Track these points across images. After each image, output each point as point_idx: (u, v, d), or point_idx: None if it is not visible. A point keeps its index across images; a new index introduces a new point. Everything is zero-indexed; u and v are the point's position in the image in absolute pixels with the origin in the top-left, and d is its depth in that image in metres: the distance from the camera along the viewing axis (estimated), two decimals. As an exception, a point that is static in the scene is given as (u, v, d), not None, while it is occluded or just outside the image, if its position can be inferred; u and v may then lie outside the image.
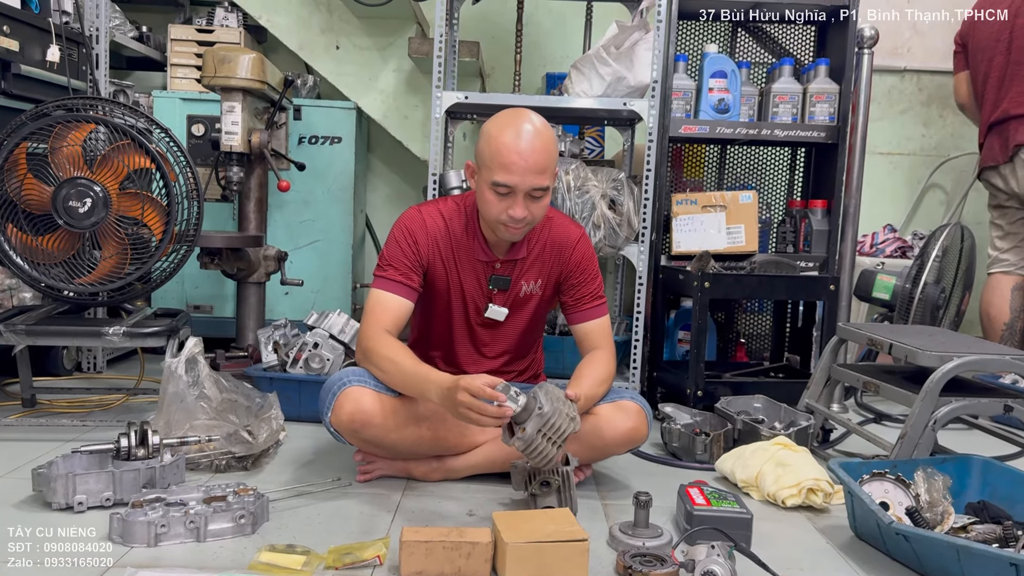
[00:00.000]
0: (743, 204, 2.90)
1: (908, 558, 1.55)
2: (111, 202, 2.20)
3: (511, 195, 1.80)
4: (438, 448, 1.92)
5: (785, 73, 2.92)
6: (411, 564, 1.42)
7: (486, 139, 1.83)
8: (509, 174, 1.77)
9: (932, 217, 3.93)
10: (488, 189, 1.82)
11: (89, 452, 1.76)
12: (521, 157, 1.77)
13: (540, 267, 2.01)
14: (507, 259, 1.99)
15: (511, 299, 2.02)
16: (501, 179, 1.78)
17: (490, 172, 1.80)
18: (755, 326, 3.45)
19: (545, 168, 1.80)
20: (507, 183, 1.78)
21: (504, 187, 1.79)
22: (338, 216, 3.50)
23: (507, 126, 1.81)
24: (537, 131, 1.80)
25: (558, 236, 2.02)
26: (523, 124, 1.80)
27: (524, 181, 1.78)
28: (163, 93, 3.39)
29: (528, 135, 1.78)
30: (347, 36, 3.56)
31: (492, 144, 1.80)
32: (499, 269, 1.99)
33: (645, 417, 1.92)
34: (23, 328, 2.17)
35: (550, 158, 1.81)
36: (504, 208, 1.81)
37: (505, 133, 1.79)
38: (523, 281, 2.01)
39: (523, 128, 1.79)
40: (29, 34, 2.56)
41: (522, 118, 1.82)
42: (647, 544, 1.56)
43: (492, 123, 1.85)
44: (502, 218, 1.83)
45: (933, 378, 1.92)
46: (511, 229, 1.85)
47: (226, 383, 2.13)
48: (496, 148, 1.79)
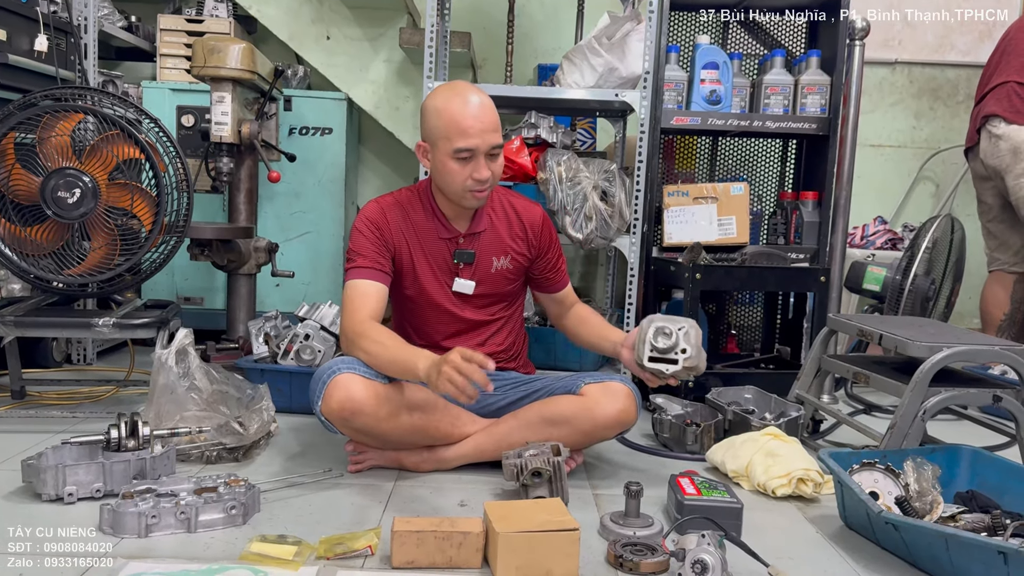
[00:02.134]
0: (734, 196, 2.91)
1: (897, 547, 1.56)
2: (100, 193, 2.19)
3: (473, 158, 1.88)
4: (429, 438, 1.92)
5: (777, 65, 2.92)
6: (402, 554, 1.42)
7: (436, 113, 1.90)
8: (469, 138, 1.85)
9: (922, 209, 3.94)
10: (450, 159, 1.88)
11: (79, 443, 1.75)
12: (476, 120, 1.86)
13: (508, 242, 2.07)
14: (469, 232, 2.03)
15: (479, 274, 2.05)
16: (463, 144, 1.85)
17: (449, 142, 1.87)
18: (746, 317, 3.46)
19: (498, 126, 1.91)
20: (469, 146, 1.86)
21: (467, 151, 1.86)
22: (329, 208, 3.49)
23: (452, 96, 1.90)
24: (480, 95, 1.90)
25: (525, 215, 2.09)
26: (466, 92, 1.90)
27: (484, 141, 1.86)
28: (152, 83, 3.37)
29: (475, 99, 1.88)
30: (338, 26, 3.55)
31: (444, 115, 1.88)
32: (463, 244, 2.03)
33: (634, 399, 1.92)
34: (12, 319, 2.16)
35: (497, 117, 1.92)
36: (468, 173, 1.88)
37: (453, 103, 1.88)
38: (492, 256, 2.05)
39: (468, 95, 1.89)
40: (16, 23, 2.54)
41: (462, 86, 1.94)
42: (638, 534, 1.57)
43: (435, 98, 1.93)
44: (468, 184, 1.89)
45: (923, 369, 1.93)
46: (476, 194, 1.92)
47: (217, 374, 2.12)
48: (451, 117, 1.87)
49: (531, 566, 1.41)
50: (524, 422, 1.91)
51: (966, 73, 3.93)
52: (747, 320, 3.46)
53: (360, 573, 1.41)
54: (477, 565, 1.44)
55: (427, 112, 1.93)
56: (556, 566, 1.42)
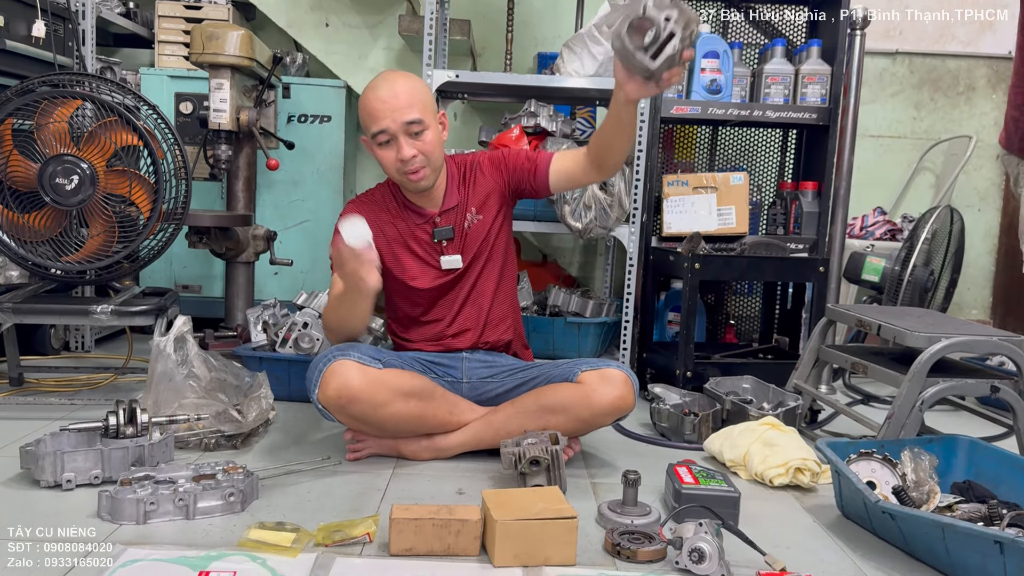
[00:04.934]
0: (734, 186, 2.90)
1: (894, 536, 1.57)
2: (98, 179, 2.18)
3: (393, 141, 1.89)
4: (426, 426, 1.92)
5: (777, 54, 2.91)
6: (401, 541, 1.43)
7: (359, 107, 1.94)
8: (379, 120, 1.88)
9: (922, 200, 3.93)
10: (377, 149, 1.93)
11: (77, 430, 1.75)
12: (383, 102, 1.87)
13: (472, 199, 2.06)
14: (444, 210, 2.04)
15: (462, 245, 2.05)
16: (375, 127, 1.89)
17: (367, 130, 1.91)
18: (745, 308, 3.46)
19: (410, 103, 1.88)
20: (380, 128, 1.88)
21: (383, 134, 1.89)
22: (327, 196, 3.48)
23: (369, 87, 1.93)
24: (394, 77, 1.92)
25: (471, 167, 2.09)
26: (382, 77, 1.94)
27: (393, 120, 1.87)
28: (150, 70, 3.36)
29: (385, 82, 1.91)
30: (336, 14, 3.53)
31: (361, 107, 1.92)
32: (440, 222, 2.04)
33: (631, 386, 1.93)
34: (10, 306, 2.16)
35: (413, 95, 1.90)
36: (395, 157, 1.90)
37: (366, 91, 1.92)
38: (468, 213, 2.05)
39: (381, 80, 1.92)
40: (14, 9, 2.53)
41: (383, 74, 1.97)
42: (635, 522, 1.57)
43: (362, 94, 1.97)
44: (399, 167, 1.91)
45: (921, 359, 1.93)
46: (412, 176, 1.93)
47: (215, 362, 2.12)
48: (363, 105, 1.91)
49: (529, 554, 1.41)
50: (522, 410, 1.92)
51: (967, 64, 3.92)
52: (746, 310, 3.46)
53: (358, 560, 1.42)
54: (475, 553, 1.45)
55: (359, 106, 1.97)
56: (554, 554, 1.42)
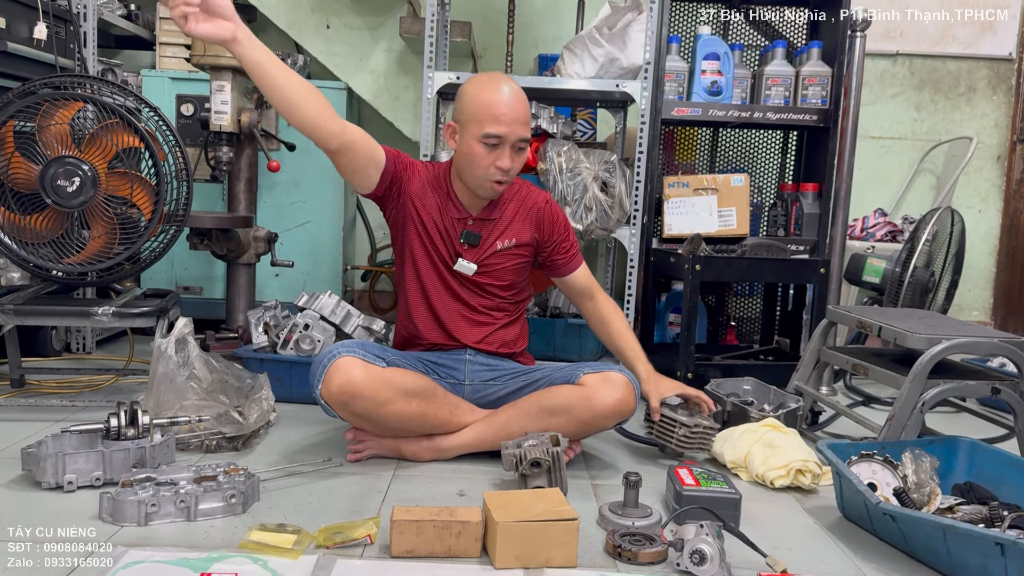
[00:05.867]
0: (735, 187, 2.90)
1: (895, 538, 1.57)
2: (100, 181, 2.18)
3: (500, 146, 1.89)
4: (428, 425, 1.92)
5: (778, 56, 2.92)
6: (402, 543, 1.43)
7: (470, 97, 1.92)
8: (500, 124, 1.87)
9: (923, 201, 3.94)
10: (477, 143, 1.90)
11: (79, 432, 1.75)
12: (509, 108, 1.88)
13: (514, 228, 2.06)
14: (479, 217, 2.03)
15: (482, 257, 2.03)
16: (493, 130, 1.87)
17: (480, 126, 1.88)
18: (745, 309, 3.46)
19: (527, 120, 1.93)
20: (498, 133, 1.88)
21: (495, 138, 1.88)
22: (328, 197, 3.49)
23: (490, 81, 1.93)
24: (517, 88, 1.93)
25: (528, 200, 2.10)
26: (504, 82, 1.93)
27: (513, 131, 1.89)
28: (152, 72, 3.36)
29: (512, 90, 1.91)
30: (337, 15, 3.53)
31: (479, 100, 1.90)
32: (471, 225, 2.03)
33: (633, 389, 1.93)
34: (11, 308, 2.16)
35: (529, 113, 1.95)
36: (492, 160, 1.90)
37: (489, 87, 1.91)
38: (499, 241, 2.05)
39: (505, 84, 1.92)
40: (15, 11, 2.54)
41: (501, 77, 1.97)
42: (636, 524, 1.57)
43: (473, 84, 1.96)
44: (490, 172, 1.91)
45: (921, 360, 1.93)
46: (495, 184, 1.94)
47: (216, 364, 2.12)
48: (486, 102, 1.89)
49: (530, 555, 1.41)
50: (523, 411, 1.92)
51: (967, 65, 3.93)
52: (746, 311, 3.47)
53: (359, 562, 1.42)
54: (476, 554, 1.45)
55: (463, 94, 1.94)
56: (555, 555, 1.42)
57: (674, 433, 2.02)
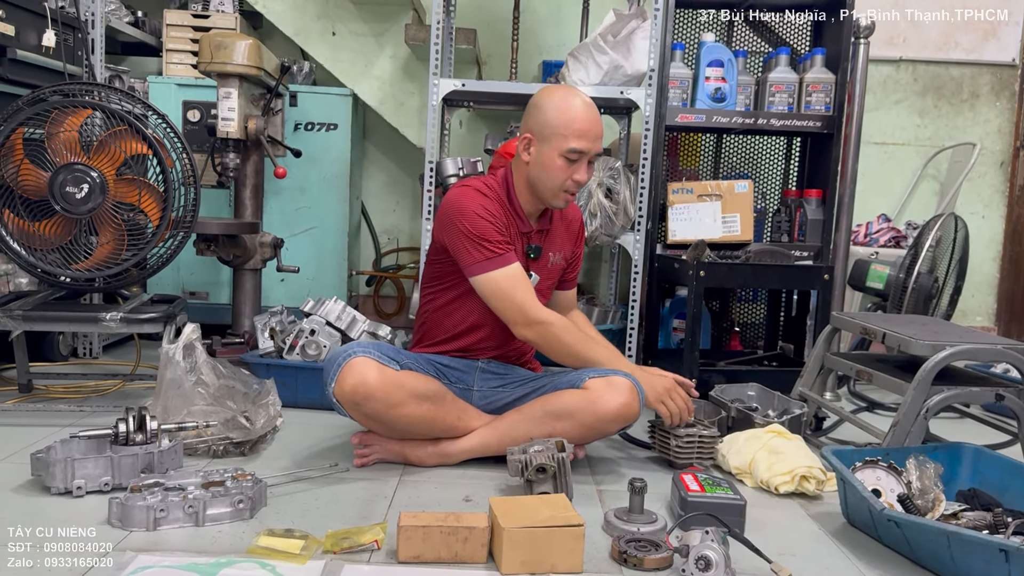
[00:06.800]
0: (739, 193, 2.91)
1: (899, 544, 1.57)
2: (108, 188, 2.20)
3: (579, 161, 1.95)
4: (436, 429, 1.93)
5: (781, 62, 2.92)
6: (408, 549, 1.44)
7: (551, 109, 1.95)
8: (585, 140, 1.93)
9: (926, 207, 3.94)
10: (559, 156, 1.94)
11: (87, 437, 1.76)
12: (593, 124, 1.95)
13: (561, 240, 2.15)
14: (539, 229, 2.09)
15: (541, 269, 2.10)
16: (578, 145, 1.93)
17: (564, 140, 1.93)
18: (749, 315, 3.47)
19: (602, 135, 2.01)
20: (583, 149, 1.93)
21: (578, 153, 1.93)
22: (334, 203, 3.50)
23: (570, 96, 1.97)
24: (591, 102, 1.99)
25: (568, 214, 2.18)
26: (580, 96, 1.98)
27: (594, 146, 1.96)
28: (158, 79, 3.38)
29: (589, 105, 1.97)
30: (343, 22, 3.55)
31: (564, 114, 1.94)
32: (534, 239, 2.08)
33: (637, 393, 1.93)
34: (20, 313, 2.18)
35: (603, 127, 2.01)
36: (570, 174, 1.95)
37: (572, 103, 1.95)
38: (550, 253, 2.11)
39: (582, 99, 1.97)
40: (24, 19, 2.55)
41: (576, 91, 2.02)
42: (642, 530, 1.58)
43: (551, 97, 1.98)
44: (567, 184, 1.96)
45: (925, 367, 1.93)
46: (567, 196, 1.99)
47: (223, 369, 2.13)
48: (572, 117, 1.93)
49: (536, 561, 1.42)
50: (528, 416, 1.93)
51: (971, 71, 3.93)
52: (750, 317, 3.47)
53: (366, 567, 1.43)
54: (482, 560, 1.45)
55: (541, 107, 1.97)
56: (560, 561, 1.43)
57: (669, 444, 2.03)
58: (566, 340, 1.95)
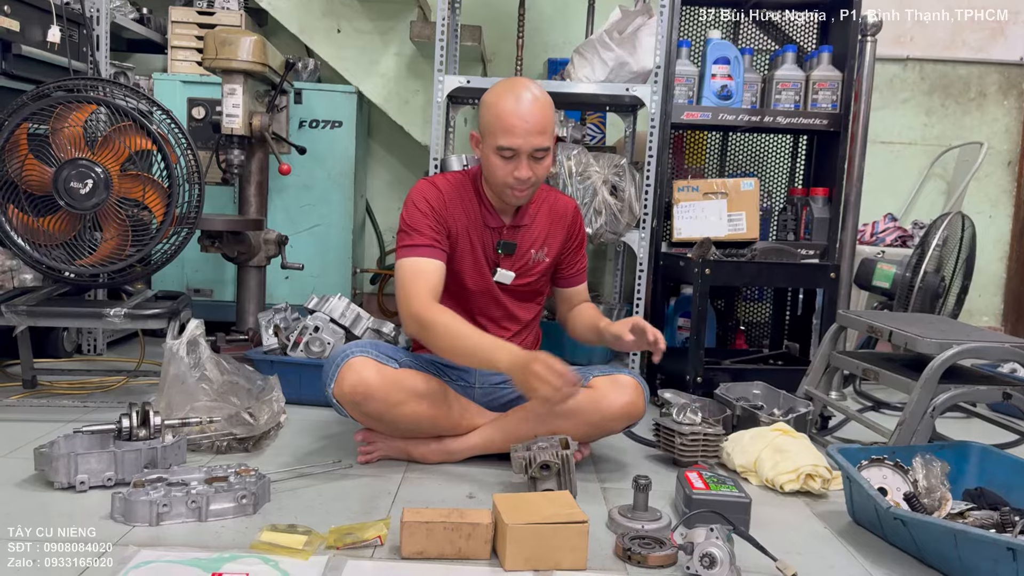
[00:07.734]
0: (744, 191, 2.90)
1: (906, 543, 1.56)
2: (112, 184, 2.20)
3: (515, 157, 1.88)
4: (438, 428, 1.93)
5: (788, 60, 2.91)
6: (412, 545, 1.43)
7: (486, 107, 1.92)
8: (512, 137, 1.86)
9: (933, 206, 3.93)
10: (493, 154, 1.89)
11: (91, 432, 1.76)
12: (522, 120, 1.85)
13: (545, 235, 2.08)
14: (513, 225, 2.04)
15: (518, 265, 2.05)
16: (505, 143, 1.86)
17: (494, 138, 1.88)
18: (755, 313, 3.46)
19: (545, 129, 1.89)
20: (511, 146, 1.86)
21: (508, 150, 1.87)
22: (338, 201, 3.50)
23: (505, 92, 1.90)
24: (535, 95, 1.89)
25: (557, 207, 2.11)
26: (521, 90, 1.89)
27: (526, 143, 1.86)
28: (163, 75, 3.38)
29: (527, 100, 1.87)
30: (348, 20, 3.55)
31: (493, 111, 1.89)
32: (506, 234, 2.04)
33: (642, 392, 1.93)
34: (24, 309, 2.18)
35: (548, 120, 1.90)
36: (510, 171, 1.89)
37: (505, 99, 1.88)
38: (532, 249, 2.06)
39: (521, 94, 1.88)
40: (30, 14, 2.55)
41: (519, 84, 1.92)
42: (646, 527, 1.57)
43: (491, 92, 1.93)
44: (508, 181, 1.90)
45: (932, 366, 1.92)
46: (516, 192, 1.92)
47: (227, 365, 2.13)
48: (497, 114, 1.87)
49: (539, 558, 1.41)
50: (532, 414, 1.92)
51: (978, 70, 3.92)
52: (756, 316, 3.46)
53: (370, 563, 1.42)
54: (486, 556, 1.45)
55: (482, 104, 1.95)
56: (564, 558, 1.42)
57: (674, 442, 2.02)
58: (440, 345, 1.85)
